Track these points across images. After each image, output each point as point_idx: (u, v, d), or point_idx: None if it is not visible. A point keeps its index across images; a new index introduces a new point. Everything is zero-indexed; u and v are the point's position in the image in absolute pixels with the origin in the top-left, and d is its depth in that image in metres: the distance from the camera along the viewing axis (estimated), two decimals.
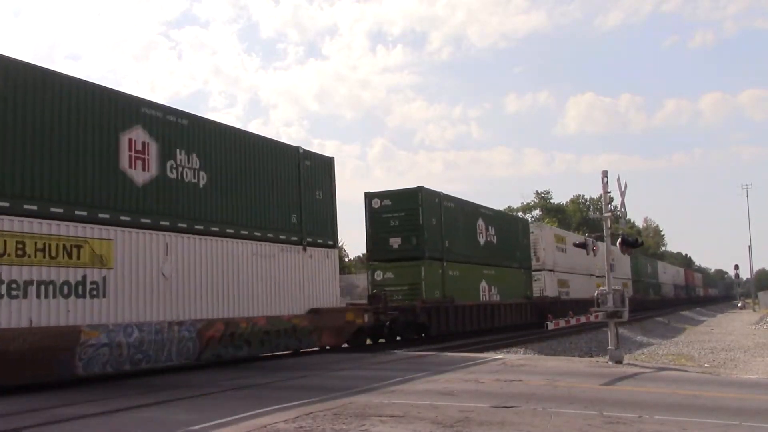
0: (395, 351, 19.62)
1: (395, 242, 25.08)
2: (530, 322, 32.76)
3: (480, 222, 29.95)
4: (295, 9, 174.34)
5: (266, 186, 17.45)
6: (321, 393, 10.62)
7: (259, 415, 8.75)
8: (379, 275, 25.24)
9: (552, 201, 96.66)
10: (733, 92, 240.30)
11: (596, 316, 15.95)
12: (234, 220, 16.18)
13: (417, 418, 8.41)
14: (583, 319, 17.15)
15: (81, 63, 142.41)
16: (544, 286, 36.56)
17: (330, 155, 20.79)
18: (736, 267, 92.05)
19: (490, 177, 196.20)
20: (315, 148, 23.63)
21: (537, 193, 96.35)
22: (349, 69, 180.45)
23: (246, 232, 16.49)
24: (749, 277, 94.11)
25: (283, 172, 18.13)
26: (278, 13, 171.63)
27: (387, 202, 25.51)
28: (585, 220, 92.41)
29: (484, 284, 29.39)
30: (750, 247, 79.93)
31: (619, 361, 15.05)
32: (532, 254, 36.00)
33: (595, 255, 27.09)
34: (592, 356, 22.51)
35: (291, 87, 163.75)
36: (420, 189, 25.30)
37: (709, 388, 11.30)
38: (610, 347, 15.34)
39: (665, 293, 76.15)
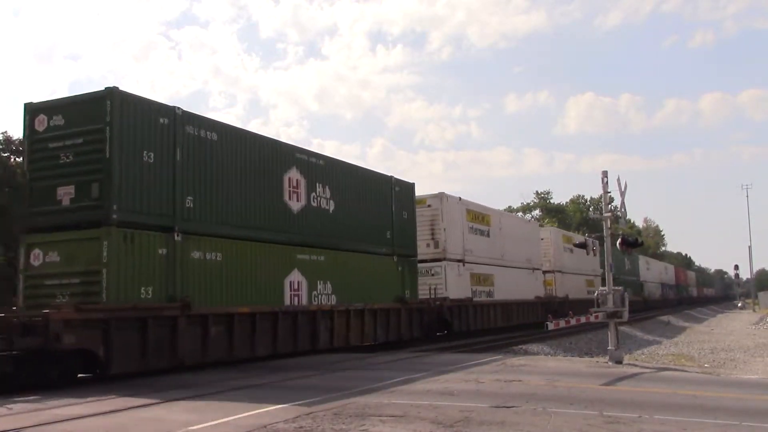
0: None
1: (66, 194, 13.82)
2: (410, 336, 22.64)
3: (293, 174, 18.27)
4: (295, 9, 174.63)
5: None
6: (321, 393, 10.62)
7: (259, 416, 8.74)
8: (37, 256, 13.95)
9: (552, 201, 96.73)
10: (733, 92, 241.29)
11: (596, 317, 15.97)
12: None
13: (417, 418, 8.41)
14: (583, 319, 17.16)
15: (81, 63, 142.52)
16: (445, 282, 25.98)
17: None
18: (736, 267, 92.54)
19: (490, 177, 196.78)
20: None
21: (537, 193, 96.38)
22: (349, 69, 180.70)
23: None
24: (749, 277, 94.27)
25: None
26: (278, 13, 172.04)
27: (58, 120, 14.14)
28: (585, 220, 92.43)
29: (297, 277, 18.03)
30: (750, 247, 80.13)
31: (619, 362, 15.06)
32: (428, 236, 26.01)
33: (594, 254, 26.70)
34: (592, 356, 22.52)
35: (291, 87, 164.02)
36: (110, 92, 13.52)
37: (709, 389, 11.32)
38: (610, 347, 15.35)
39: (649, 293, 66.66)
